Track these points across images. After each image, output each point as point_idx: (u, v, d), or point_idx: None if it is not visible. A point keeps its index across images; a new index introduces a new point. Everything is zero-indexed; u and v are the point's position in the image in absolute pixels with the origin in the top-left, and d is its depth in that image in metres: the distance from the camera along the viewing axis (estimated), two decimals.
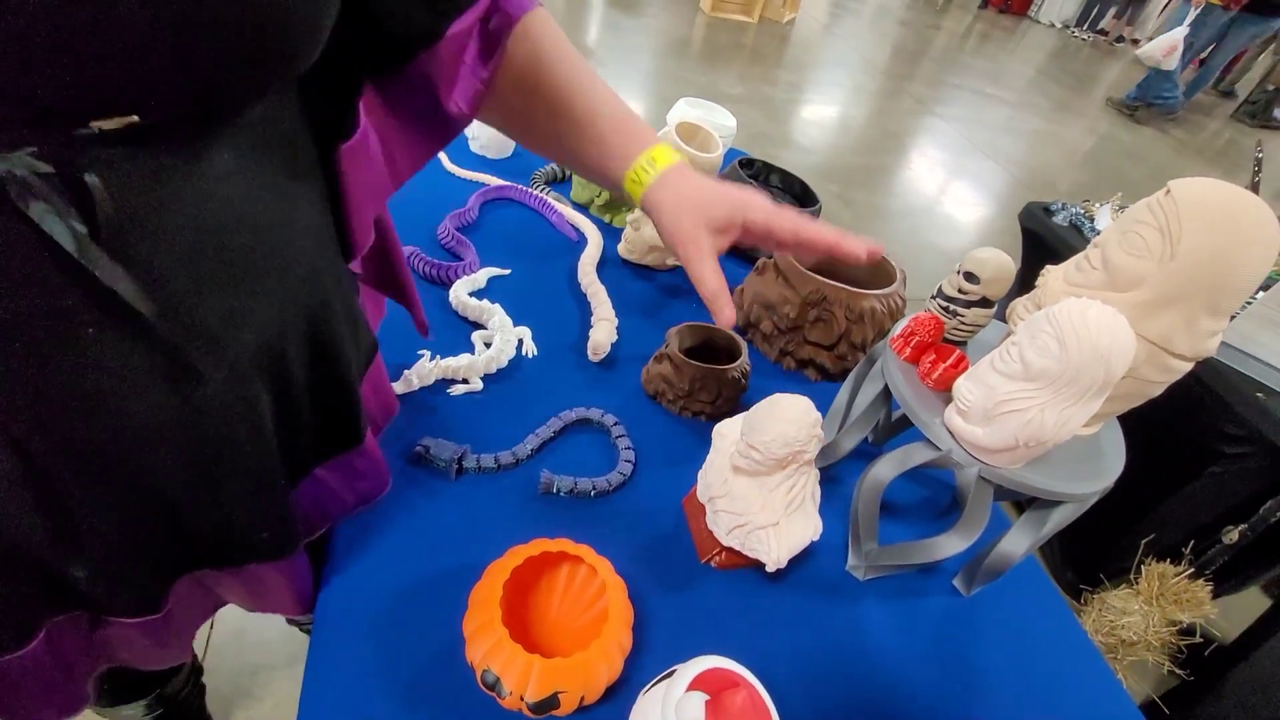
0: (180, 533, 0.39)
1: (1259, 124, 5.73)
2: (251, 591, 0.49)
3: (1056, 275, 0.50)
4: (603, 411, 0.71)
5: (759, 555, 0.54)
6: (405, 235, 0.89)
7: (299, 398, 0.42)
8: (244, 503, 0.40)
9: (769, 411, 0.50)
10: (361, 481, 0.54)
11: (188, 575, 0.44)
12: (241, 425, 0.37)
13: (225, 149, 0.31)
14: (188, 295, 0.31)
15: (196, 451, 0.35)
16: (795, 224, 0.47)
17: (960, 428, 0.48)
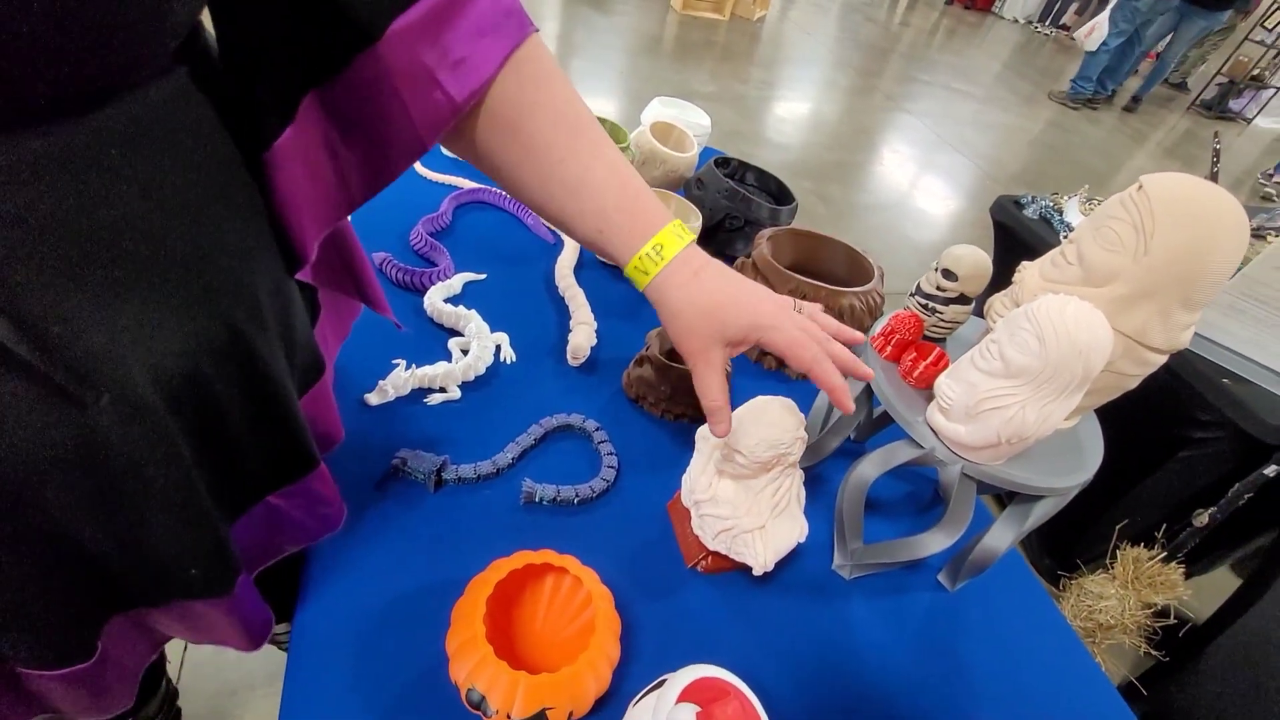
0: (97, 573, 0.35)
1: (1215, 115, 5.91)
2: (191, 627, 0.44)
3: (1033, 271, 0.50)
4: (584, 417, 0.70)
5: (746, 559, 0.54)
6: (376, 241, 0.88)
7: (230, 422, 0.38)
8: (164, 539, 0.36)
9: (752, 415, 0.49)
10: (326, 508, 0.50)
11: (120, 615, 0.40)
12: (147, 455, 0.32)
13: (113, 145, 0.27)
14: (59, 308, 0.27)
15: (96, 486, 0.31)
16: (811, 362, 0.45)
17: (943, 425, 0.48)
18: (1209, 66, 6.27)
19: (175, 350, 0.32)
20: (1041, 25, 8.06)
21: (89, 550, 0.34)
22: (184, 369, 0.33)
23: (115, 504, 0.33)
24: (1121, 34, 4.67)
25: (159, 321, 0.31)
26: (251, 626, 0.46)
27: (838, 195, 3.27)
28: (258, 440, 0.41)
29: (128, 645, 0.42)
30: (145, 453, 0.32)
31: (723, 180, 0.96)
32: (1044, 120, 5.07)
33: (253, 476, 0.42)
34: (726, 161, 1.04)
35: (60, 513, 0.31)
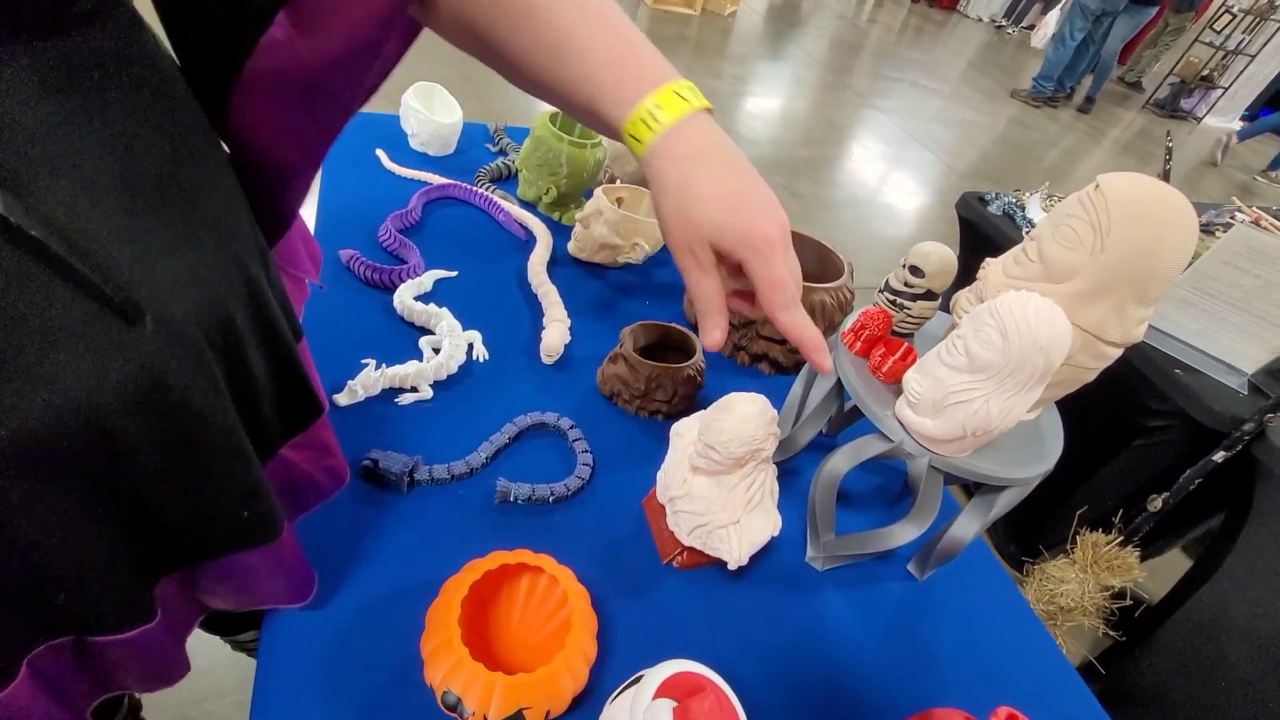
0: (155, 526, 0.35)
1: (1167, 114, 6.12)
2: (238, 587, 0.43)
3: (996, 268, 0.52)
4: (558, 415, 0.69)
5: (720, 554, 0.55)
6: (343, 238, 0.86)
7: (252, 363, 0.37)
8: (218, 480, 0.35)
9: (725, 411, 0.50)
10: (332, 459, 0.50)
11: (169, 576, 0.38)
12: (194, 385, 0.32)
13: (93, 68, 0.27)
14: (89, 224, 0.27)
15: (156, 418, 0.31)
16: (784, 307, 0.40)
17: (910, 419, 0.49)
18: (1162, 66, 6.49)
19: (202, 278, 0.32)
20: (1006, 23, 8.24)
21: (150, 497, 0.33)
22: (210, 299, 0.32)
23: (176, 439, 0.32)
24: (1080, 30, 4.80)
25: (181, 253, 0.30)
26: (298, 578, 0.46)
27: (809, 191, 3.30)
28: (273, 384, 0.40)
29: (178, 609, 0.41)
30: (193, 383, 0.31)
31: None
32: (1006, 118, 5.19)
33: (269, 424, 0.41)
34: None
35: (127, 450, 0.30)
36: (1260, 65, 5.94)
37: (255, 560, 0.40)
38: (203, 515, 0.36)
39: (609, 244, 0.89)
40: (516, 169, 1.06)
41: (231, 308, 0.34)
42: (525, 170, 1.00)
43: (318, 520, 0.56)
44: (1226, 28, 5.83)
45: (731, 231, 0.38)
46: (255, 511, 0.38)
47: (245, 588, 0.43)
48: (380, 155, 1.03)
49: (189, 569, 0.39)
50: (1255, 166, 5.64)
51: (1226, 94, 6.08)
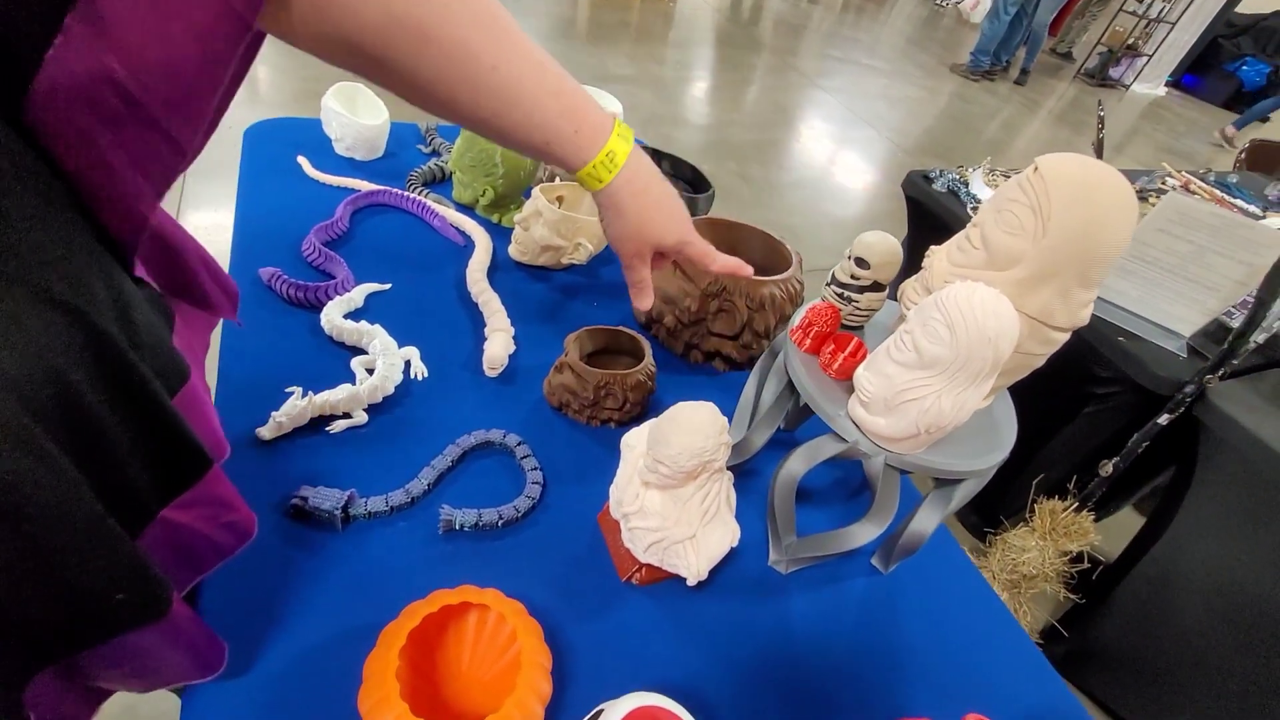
0: (14, 620, 0.30)
1: (1097, 83, 6.33)
2: (136, 670, 0.38)
3: (940, 256, 0.50)
4: (504, 432, 0.66)
5: (679, 570, 0.52)
6: (263, 255, 0.80)
7: (107, 430, 0.32)
8: (77, 572, 0.30)
9: (673, 423, 0.47)
10: (233, 513, 0.44)
11: (49, 667, 0.33)
12: (30, 477, 0.27)
13: None
14: None
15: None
16: (719, 261, 0.60)
17: (863, 418, 0.48)
18: (1090, 36, 6.70)
19: (34, 353, 0.27)
20: (942, 1, 8.38)
21: (8, 595, 0.28)
22: (30, 363, 0.27)
23: (8, 539, 0.27)
24: (1014, 4, 4.91)
25: (8, 323, 0.26)
26: (203, 650, 0.42)
27: (758, 175, 3.30)
28: (138, 446, 0.35)
29: (66, 703, 0.36)
30: (19, 468, 0.27)
31: None
32: (947, 93, 5.29)
33: (141, 490, 0.36)
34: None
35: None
36: (1180, 31, 6.18)
37: (146, 640, 0.35)
38: (66, 608, 0.31)
39: (551, 245, 0.86)
40: (450, 171, 1.01)
41: (65, 369, 0.29)
42: (459, 171, 0.95)
43: (241, 569, 0.51)
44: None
45: (674, 236, 0.56)
46: (133, 592, 0.33)
47: (141, 670, 0.38)
48: (302, 162, 0.96)
49: (67, 659, 0.34)
50: (1180, 131, 5.89)
51: (1151, 60, 6.31)
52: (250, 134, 1.01)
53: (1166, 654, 1.16)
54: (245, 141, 1.00)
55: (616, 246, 0.55)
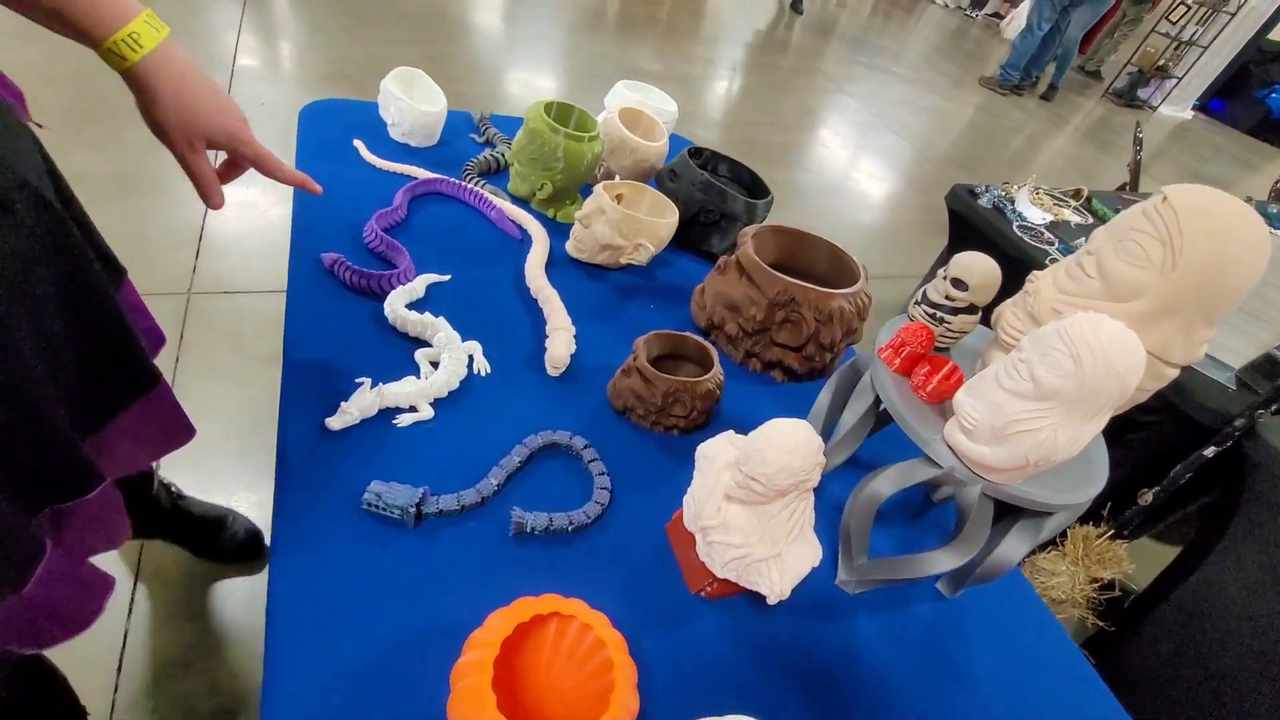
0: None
1: (1125, 103, 6.28)
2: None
3: (1046, 282, 0.49)
4: (570, 434, 0.65)
5: (759, 587, 0.51)
6: (324, 239, 0.79)
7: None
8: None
9: (769, 442, 0.46)
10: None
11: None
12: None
13: None
14: None
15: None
16: (280, 169, 0.61)
17: (964, 446, 0.47)
18: (1119, 56, 6.64)
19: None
20: (971, 11, 8.31)
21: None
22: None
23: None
24: (1048, 20, 4.87)
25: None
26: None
27: (782, 178, 3.27)
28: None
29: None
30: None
31: (698, 172, 0.92)
32: (973, 104, 5.25)
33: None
34: (699, 152, 1.00)
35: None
36: (1211, 55, 6.12)
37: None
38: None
39: (611, 244, 0.85)
40: (508, 162, 1.00)
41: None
42: (518, 164, 0.94)
43: (317, 561, 0.51)
44: (1182, 19, 5.99)
45: (220, 130, 0.56)
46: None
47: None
48: (359, 146, 0.95)
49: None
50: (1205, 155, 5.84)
51: (1180, 84, 6.26)
52: (306, 114, 1.00)
53: (1197, 688, 1.15)
54: (301, 122, 0.99)
55: (163, 135, 0.56)
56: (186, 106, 0.54)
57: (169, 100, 0.53)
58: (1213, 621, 1.12)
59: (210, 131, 0.56)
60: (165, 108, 0.54)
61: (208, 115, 0.55)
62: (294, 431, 0.59)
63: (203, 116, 0.55)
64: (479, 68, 3.25)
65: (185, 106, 0.54)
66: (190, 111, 0.54)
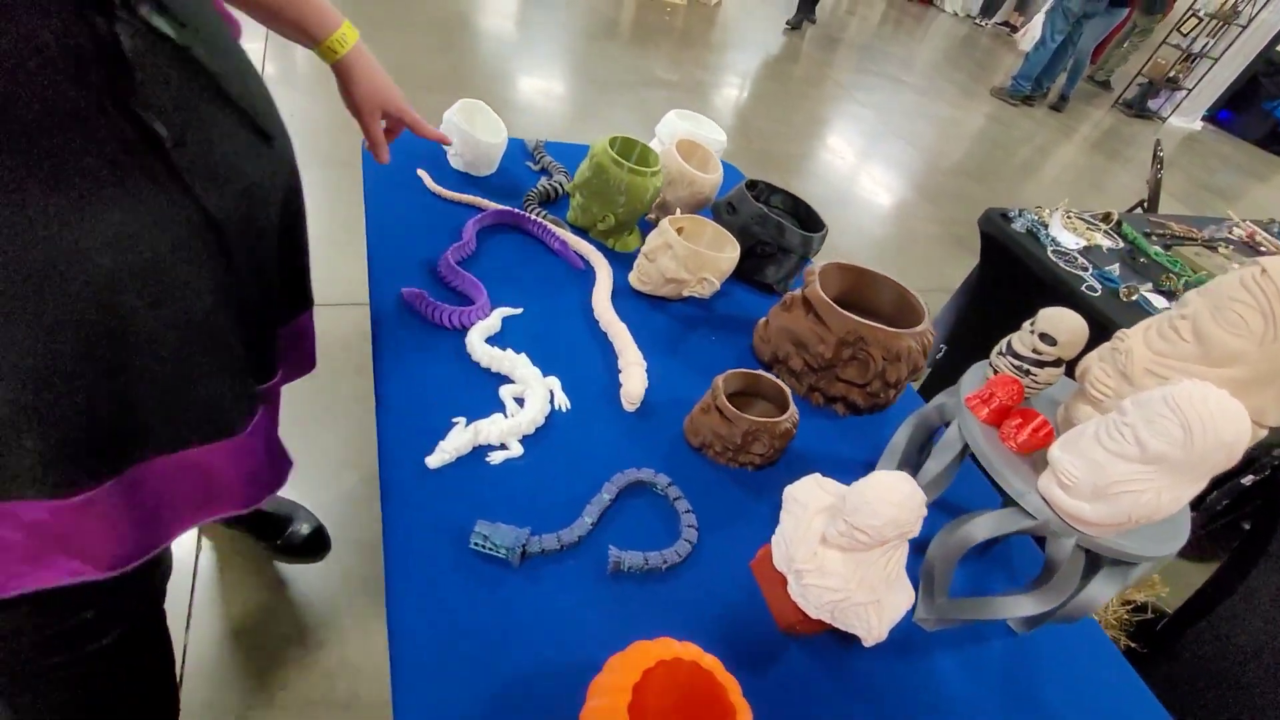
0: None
1: (1134, 114, 6.30)
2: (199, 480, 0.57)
3: (1138, 340, 0.51)
4: (654, 471, 0.67)
5: (855, 630, 0.53)
6: (401, 273, 0.81)
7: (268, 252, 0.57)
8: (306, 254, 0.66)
9: (878, 495, 0.48)
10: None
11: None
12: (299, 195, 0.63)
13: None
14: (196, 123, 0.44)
15: (291, 214, 0.60)
16: (422, 129, 0.83)
17: (1061, 500, 0.49)
18: (1129, 67, 6.67)
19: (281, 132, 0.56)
20: (980, 19, 8.34)
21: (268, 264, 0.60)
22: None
23: (293, 222, 0.65)
24: (1061, 32, 4.90)
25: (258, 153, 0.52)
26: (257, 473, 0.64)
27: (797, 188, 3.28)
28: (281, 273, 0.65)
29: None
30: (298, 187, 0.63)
31: (756, 206, 0.94)
32: (983, 114, 5.27)
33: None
34: (754, 184, 1.02)
35: (268, 228, 0.58)
36: (1222, 68, 6.15)
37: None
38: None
39: (676, 278, 0.87)
40: (567, 192, 1.02)
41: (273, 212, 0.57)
42: (580, 196, 0.96)
43: (432, 600, 0.53)
44: (1193, 31, 6.01)
45: (392, 102, 0.77)
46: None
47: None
48: (423, 176, 0.97)
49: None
50: (1215, 167, 5.87)
51: (1190, 95, 6.28)
52: None
53: (1230, 710, 1.17)
54: (364, 152, 1.01)
55: (356, 110, 0.76)
56: (373, 87, 0.74)
57: (362, 82, 0.73)
58: (1246, 644, 1.14)
59: (386, 104, 0.76)
60: (359, 88, 0.74)
61: (385, 92, 0.76)
62: (395, 471, 0.61)
63: (382, 93, 0.75)
64: (499, 75, 3.28)
65: (373, 87, 0.74)
66: (374, 89, 0.74)
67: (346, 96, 0.75)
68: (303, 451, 1.38)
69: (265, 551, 1.17)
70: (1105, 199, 4.56)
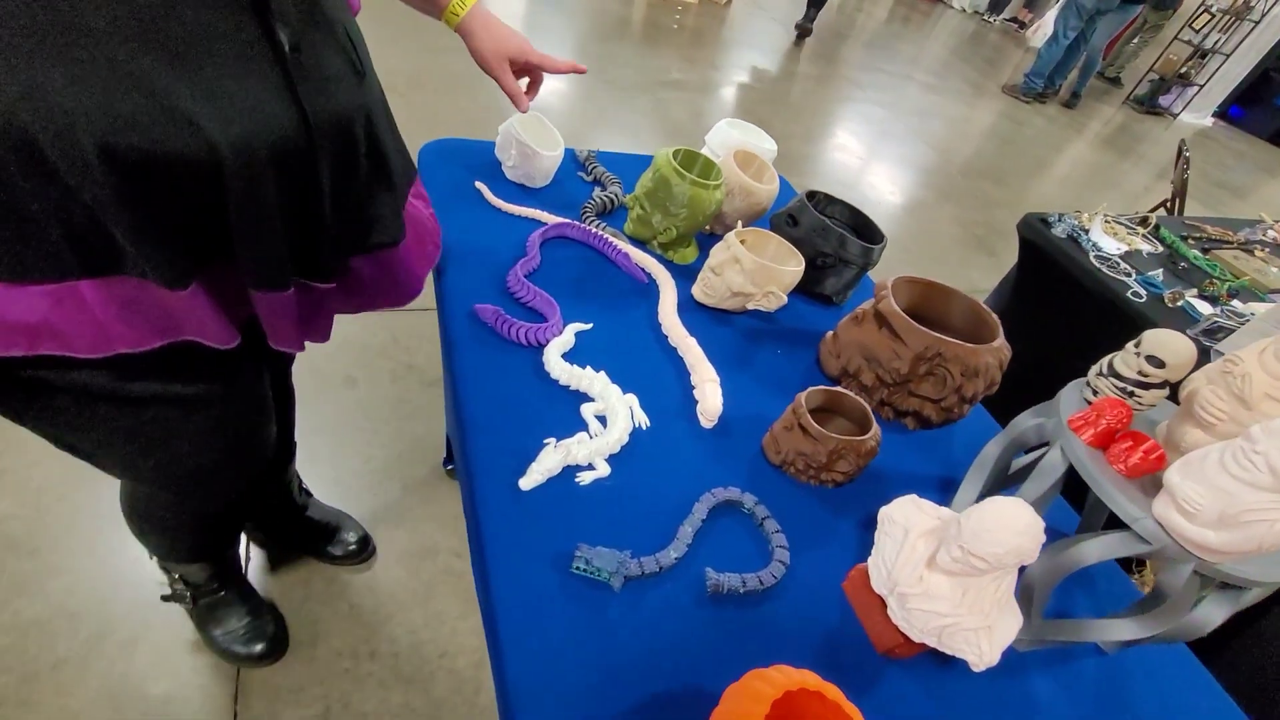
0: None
1: (1146, 110, 6.28)
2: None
3: (1254, 364, 0.51)
4: (740, 490, 0.67)
5: (964, 655, 0.53)
6: (471, 290, 0.81)
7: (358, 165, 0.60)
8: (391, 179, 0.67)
9: (999, 524, 0.48)
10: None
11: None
12: (387, 130, 0.65)
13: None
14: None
15: (368, 141, 0.60)
16: (553, 65, 0.87)
17: (1182, 527, 0.48)
18: (1140, 63, 6.65)
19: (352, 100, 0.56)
20: (989, 15, 8.31)
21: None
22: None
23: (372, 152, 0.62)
24: (1074, 29, 4.88)
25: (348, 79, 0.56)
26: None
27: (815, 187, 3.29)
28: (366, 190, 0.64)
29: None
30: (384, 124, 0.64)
31: (817, 217, 0.94)
32: (996, 112, 5.26)
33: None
34: (813, 195, 1.01)
35: (352, 150, 0.59)
36: (1234, 63, 6.13)
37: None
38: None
39: (742, 292, 0.86)
40: (625, 204, 1.01)
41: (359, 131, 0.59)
42: (639, 208, 0.96)
43: (539, 625, 0.53)
44: (1205, 27, 5.99)
45: (518, 50, 0.84)
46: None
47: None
48: (482, 189, 0.97)
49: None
50: (1229, 164, 5.85)
51: (1201, 91, 6.26)
52: (425, 153, 1.02)
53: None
54: (422, 160, 1.01)
55: (485, 63, 0.83)
56: (495, 39, 0.81)
57: (484, 38, 0.81)
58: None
59: (511, 52, 0.83)
60: (483, 42, 0.81)
61: (508, 42, 0.82)
62: (488, 494, 0.61)
63: (504, 43, 0.82)
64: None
65: (495, 40, 0.81)
66: (496, 41, 0.81)
67: (475, 54, 0.82)
68: (345, 463, 1.40)
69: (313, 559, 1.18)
70: (1119, 196, 4.55)
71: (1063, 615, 0.69)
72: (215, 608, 1.03)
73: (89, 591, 1.07)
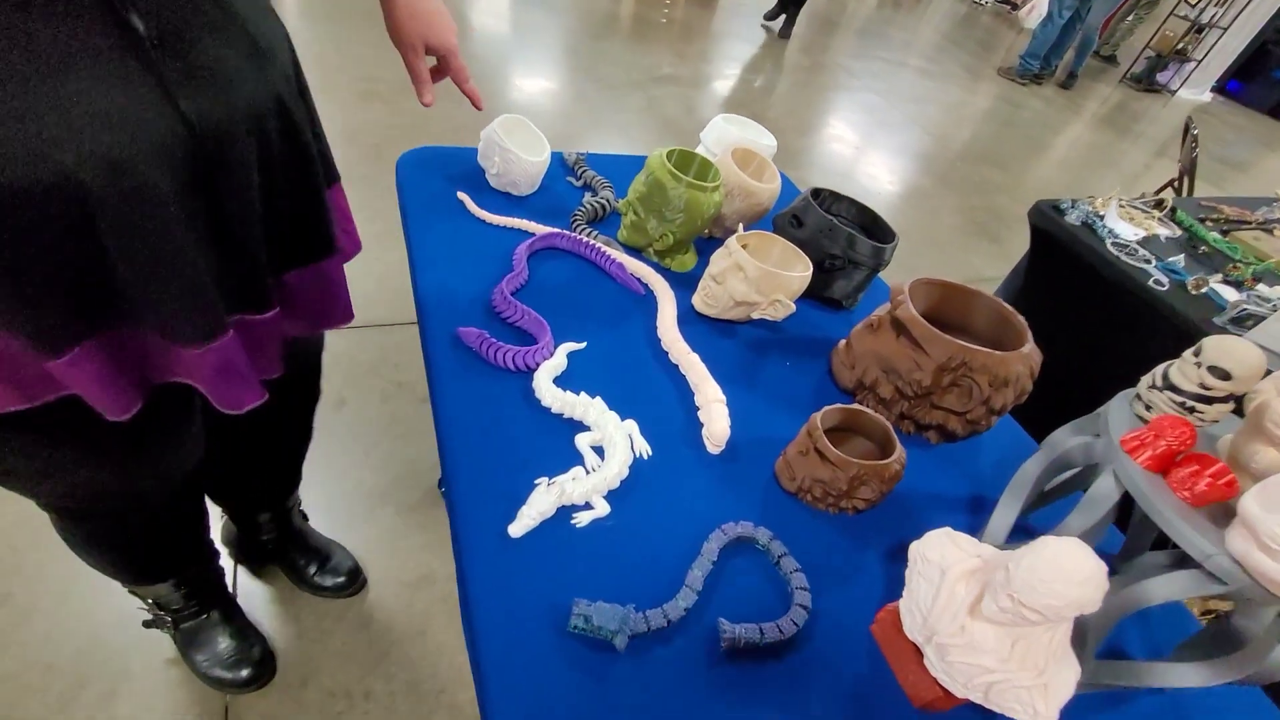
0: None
1: (1143, 88, 6.20)
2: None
3: None
4: (754, 525, 0.61)
5: (1015, 714, 0.47)
6: (453, 310, 0.75)
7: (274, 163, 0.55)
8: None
9: (1057, 574, 0.42)
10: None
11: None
12: (299, 111, 0.57)
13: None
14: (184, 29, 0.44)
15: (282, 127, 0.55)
16: (462, 81, 0.80)
17: (1265, 567, 0.42)
18: (1136, 40, 6.55)
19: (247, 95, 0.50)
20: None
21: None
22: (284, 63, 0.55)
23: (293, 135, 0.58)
24: (1069, 8, 4.80)
25: (243, 67, 0.49)
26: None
27: (813, 181, 3.22)
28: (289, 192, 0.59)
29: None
30: (294, 106, 0.57)
31: (824, 217, 0.87)
32: (992, 95, 5.18)
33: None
34: (818, 193, 0.95)
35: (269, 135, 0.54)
36: (1231, 37, 6.04)
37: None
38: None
39: (747, 301, 0.80)
40: (618, 210, 0.95)
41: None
42: (634, 214, 0.89)
43: (533, 693, 0.47)
44: (1201, 1, 5.90)
45: (439, 39, 0.75)
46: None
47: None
48: (464, 199, 0.91)
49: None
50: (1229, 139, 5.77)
51: (1199, 66, 6.17)
52: (404, 164, 0.96)
53: None
54: (399, 172, 0.94)
55: (396, 40, 0.74)
56: (416, 18, 0.72)
57: (403, 12, 0.71)
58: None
59: (429, 39, 0.74)
60: (400, 18, 0.72)
61: (429, 27, 0.73)
62: (474, 544, 0.55)
63: (424, 27, 0.73)
64: (500, 78, 3.20)
65: (415, 18, 0.72)
66: (415, 21, 0.72)
67: (391, 29, 0.73)
68: (336, 488, 1.34)
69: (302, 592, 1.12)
70: (1119, 176, 4.47)
71: (1113, 646, 0.63)
72: (197, 631, 0.98)
73: (65, 638, 1.02)
